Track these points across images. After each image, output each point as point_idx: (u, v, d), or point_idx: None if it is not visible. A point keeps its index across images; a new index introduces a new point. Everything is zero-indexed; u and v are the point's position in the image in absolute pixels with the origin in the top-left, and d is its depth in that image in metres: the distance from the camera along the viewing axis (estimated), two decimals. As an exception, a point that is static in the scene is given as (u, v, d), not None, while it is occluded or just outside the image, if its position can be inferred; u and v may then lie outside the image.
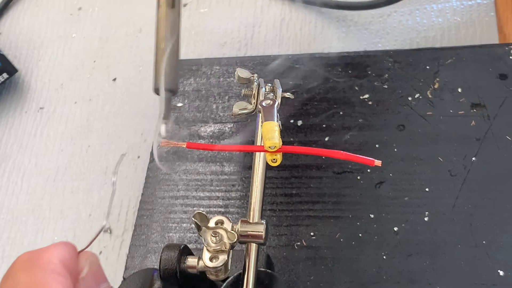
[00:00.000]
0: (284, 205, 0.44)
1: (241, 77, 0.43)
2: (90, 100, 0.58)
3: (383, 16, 0.55)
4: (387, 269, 0.40)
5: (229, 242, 0.34)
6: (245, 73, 0.43)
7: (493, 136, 0.43)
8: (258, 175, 0.38)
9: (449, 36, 0.52)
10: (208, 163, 0.48)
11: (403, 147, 0.44)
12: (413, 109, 0.46)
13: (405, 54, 0.49)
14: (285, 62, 0.51)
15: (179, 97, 0.52)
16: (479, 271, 0.38)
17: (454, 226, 0.40)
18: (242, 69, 0.44)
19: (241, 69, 0.44)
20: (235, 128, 0.49)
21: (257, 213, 0.37)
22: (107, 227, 0.50)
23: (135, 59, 0.59)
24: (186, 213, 0.46)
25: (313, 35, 0.56)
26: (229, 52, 0.57)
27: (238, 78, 0.43)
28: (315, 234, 0.42)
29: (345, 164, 0.45)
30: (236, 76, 0.43)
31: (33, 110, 0.59)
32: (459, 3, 0.53)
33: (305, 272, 0.41)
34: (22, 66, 0.62)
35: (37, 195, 0.53)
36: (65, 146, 0.56)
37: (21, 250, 0.50)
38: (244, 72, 0.43)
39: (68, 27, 0.64)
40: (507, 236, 0.39)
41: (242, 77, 0.43)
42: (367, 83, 0.48)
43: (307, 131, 0.47)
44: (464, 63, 0.47)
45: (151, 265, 0.43)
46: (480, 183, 0.42)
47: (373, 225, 0.42)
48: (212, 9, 0.61)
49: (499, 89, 0.45)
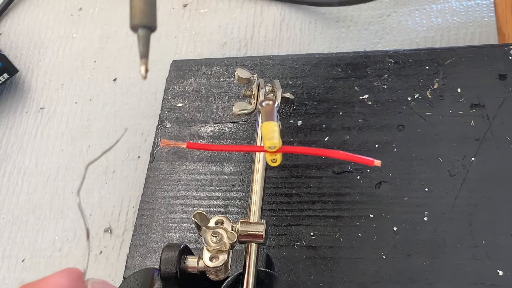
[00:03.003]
0: (284, 205, 0.44)
1: (241, 77, 0.43)
2: (91, 100, 0.58)
3: (383, 16, 0.55)
4: (386, 269, 0.40)
5: (229, 242, 0.34)
6: (245, 73, 0.43)
7: (492, 136, 0.43)
8: (258, 175, 0.38)
9: (448, 37, 0.52)
10: (208, 163, 0.48)
11: (403, 147, 0.45)
12: (412, 109, 0.46)
13: (404, 55, 0.49)
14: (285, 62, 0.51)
15: (179, 97, 0.52)
16: (478, 271, 0.38)
17: (453, 226, 0.40)
18: (242, 69, 0.44)
19: (241, 69, 0.44)
20: (235, 128, 0.49)
21: (257, 213, 0.37)
22: (107, 227, 0.50)
23: (135, 59, 0.60)
24: (186, 213, 0.46)
25: (313, 35, 0.56)
26: (229, 52, 0.57)
27: (238, 78, 0.43)
28: (315, 234, 0.42)
29: (345, 164, 0.45)
30: (236, 76, 0.43)
31: (34, 110, 0.59)
32: (458, 4, 0.53)
33: (305, 272, 0.41)
34: (22, 66, 0.62)
35: (37, 195, 0.54)
36: (65, 146, 0.56)
37: (21, 250, 0.51)
38: (244, 72, 0.43)
39: (68, 28, 0.64)
40: (506, 236, 0.39)
41: (242, 77, 0.43)
42: (367, 83, 0.48)
43: (307, 131, 0.47)
44: (464, 63, 0.47)
45: (151, 265, 0.44)
46: (480, 183, 0.42)
47: (372, 225, 0.42)
48: (212, 9, 0.61)
49: (498, 90, 0.45)
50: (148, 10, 0.31)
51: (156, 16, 0.32)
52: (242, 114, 0.42)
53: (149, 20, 0.31)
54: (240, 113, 0.42)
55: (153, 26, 0.31)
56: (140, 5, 0.31)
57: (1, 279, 0.50)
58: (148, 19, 0.31)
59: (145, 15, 0.31)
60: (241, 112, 0.42)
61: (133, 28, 0.31)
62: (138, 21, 0.31)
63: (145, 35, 0.31)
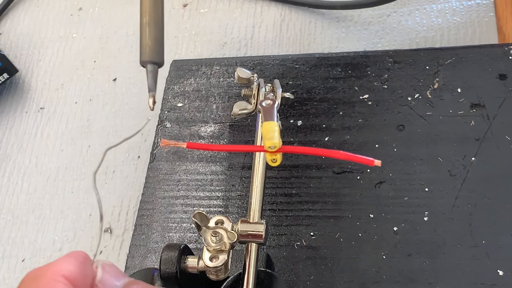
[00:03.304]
0: (284, 205, 0.44)
1: (241, 77, 0.43)
2: (91, 100, 0.58)
3: (383, 16, 0.55)
4: (386, 269, 0.40)
5: (229, 242, 0.34)
6: (245, 73, 0.43)
7: (492, 136, 0.43)
8: (258, 175, 0.38)
9: (448, 36, 0.52)
10: (208, 163, 0.48)
11: (403, 147, 0.45)
12: (412, 109, 0.46)
13: (404, 54, 0.49)
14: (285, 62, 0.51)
15: (179, 97, 0.52)
16: (479, 271, 0.38)
17: (453, 226, 0.40)
18: (242, 69, 0.44)
19: (241, 69, 0.44)
20: (235, 128, 0.49)
21: (257, 213, 0.37)
22: (107, 227, 0.50)
23: (135, 59, 0.59)
24: (186, 213, 0.46)
25: (313, 35, 0.56)
26: (229, 52, 0.57)
27: (238, 78, 0.43)
28: (315, 234, 0.42)
29: (345, 164, 0.45)
30: (236, 76, 0.43)
31: (34, 110, 0.59)
32: (458, 4, 0.53)
33: (305, 272, 0.41)
34: (22, 66, 0.62)
35: (37, 195, 0.54)
36: (65, 146, 0.56)
37: (21, 250, 0.51)
38: (244, 72, 0.43)
39: (68, 27, 0.64)
40: (506, 236, 0.39)
41: (242, 77, 0.43)
42: (367, 83, 0.48)
43: (307, 131, 0.47)
44: (464, 63, 0.47)
45: (151, 265, 0.44)
46: (480, 183, 0.42)
47: (372, 225, 0.42)
48: (212, 9, 0.61)
49: (498, 89, 0.45)
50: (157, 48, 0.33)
51: (163, 52, 0.34)
52: (242, 114, 0.42)
53: (157, 57, 0.34)
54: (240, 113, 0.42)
55: (161, 62, 0.34)
56: (149, 43, 0.33)
57: (1, 279, 0.50)
58: (156, 55, 0.34)
59: (154, 52, 0.33)
60: (241, 112, 0.42)
61: (143, 63, 0.34)
62: (147, 57, 0.33)
63: (153, 70, 0.33)
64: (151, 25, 0.33)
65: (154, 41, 0.33)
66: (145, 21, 0.33)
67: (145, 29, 0.33)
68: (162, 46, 0.34)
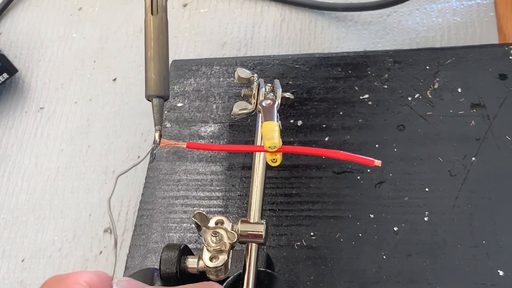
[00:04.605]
0: (284, 205, 0.44)
1: (241, 77, 0.43)
2: (90, 100, 0.58)
3: (383, 16, 0.55)
4: (387, 269, 0.40)
5: (229, 242, 0.34)
6: (245, 73, 0.43)
7: (492, 136, 0.43)
8: (258, 175, 0.38)
9: (449, 36, 0.52)
10: (208, 163, 0.48)
11: (403, 147, 0.44)
12: (413, 109, 0.46)
13: (405, 54, 0.49)
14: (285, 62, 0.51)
15: (179, 97, 0.52)
16: (479, 271, 0.38)
17: (454, 226, 0.40)
18: (242, 69, 0.44)
19: (241, 69, 0.44)
20: (235, 128, 0.49)
21: (257, 213, 0.37)
22: (106, 227, 0.50)
23: (135, 59, 0.60)
24: (186, 213, 0.46)
25: (313, 35, 0.56)
26: (229, 52, 0.57)
27: (238, 78, 0.43)
28: (315, 234, 0.42)
29: (345, 164, 0.45)
30: (236, 76, 0.43)
31: (33, 110, 0.59)
32: (459, 3, 0.53)
33: (305, 272, 0.41)
34: (22, 66, 0.62)
35: (37, 195, 0.54)
36: (65, 146, 0.56)
37: (21, 250, 0.51)
38: (244, 72, 0.43)
39: (68, 27, 0.64)
40: (507, 236, 0.39)
41: (242, 77, 0.43)
42: (367, 83, 0.48)
43: (307, 131, 0.47)
44: (464, 63, 0.47)
45: (151, 265, 0.44)
46: (480, 183, 0.42)
47: (373, 225, 0.42)
48: (212, 9, 0.61)
49: (499, 89, 0.45)
50: (161, 81, 0.34)
51: (168, 85, 0.34)
52: (242, 114, 0.42)
53: (162, 90, 0.34)
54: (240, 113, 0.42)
55: (166, 95, 0.34)
56: (154, 78, 0.34)
57: (1, 279, 0.50)
58: (161, 89, 0.34)
59: (159, 86, 0.34)
60: (241, 112, 0.42)
61: (148, 97, 0.34)
62: (152, 92, 0.34)
63: (158, 104, 0.34)
64: (155, 59, 0.34)
65: (158, 75, 0.33)
66: (149, 55, 0.34)
67: (150, 63, 0.33)
68: (167, 80, 0.34)
